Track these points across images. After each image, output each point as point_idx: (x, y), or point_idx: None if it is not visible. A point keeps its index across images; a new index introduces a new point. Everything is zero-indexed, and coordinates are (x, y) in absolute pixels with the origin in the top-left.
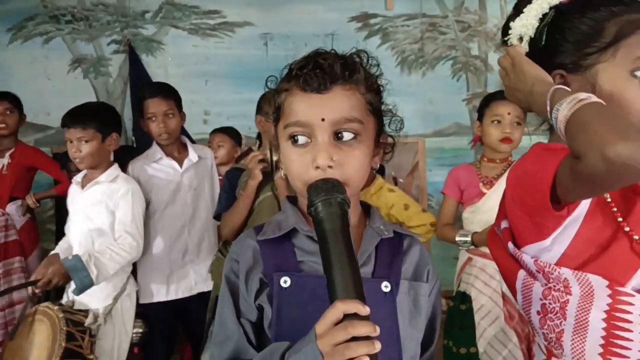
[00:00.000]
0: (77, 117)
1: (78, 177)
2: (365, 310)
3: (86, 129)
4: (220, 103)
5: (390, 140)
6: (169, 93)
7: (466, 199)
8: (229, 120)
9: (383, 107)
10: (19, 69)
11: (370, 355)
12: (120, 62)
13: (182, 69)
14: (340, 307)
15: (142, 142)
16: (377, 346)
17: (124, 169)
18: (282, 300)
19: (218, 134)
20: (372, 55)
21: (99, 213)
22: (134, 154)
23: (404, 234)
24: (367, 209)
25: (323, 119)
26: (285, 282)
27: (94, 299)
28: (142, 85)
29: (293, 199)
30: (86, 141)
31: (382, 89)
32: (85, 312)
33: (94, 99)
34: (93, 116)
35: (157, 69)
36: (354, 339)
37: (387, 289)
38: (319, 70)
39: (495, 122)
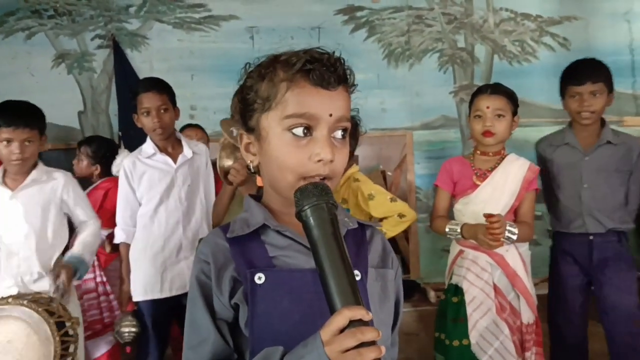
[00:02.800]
0: (22, 116)
1: None
2: (369, 316)
3: (33, 129)
4: (206, 97)
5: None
6: (163, 88)
7: (459, 191)
8: (216, 115)
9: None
10: (1, 65)
11: (377, 359)
12: (104, 57)
13: (167, 64)
14: (347, 314)
15: (129, 138)
16: (383, 350)
17: (109, 164)
18: (258, 297)
19: (194, 128)
20: (347, 64)
21: (35, 213)
22: (116, 149)
23: (365, 224)
24: None
25: (331, 115)
26: (259, 278)
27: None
28: (127, 81)
29: (255, 197)
30: (31, 142)
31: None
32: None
33: (78, 95)
34: (36, 116)
35: (142, 63)
36: (361, 344)
37: (358, 278)
38: (327, 68)
39: (477, 116)
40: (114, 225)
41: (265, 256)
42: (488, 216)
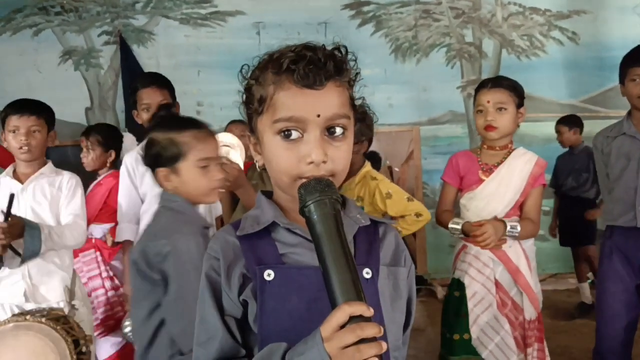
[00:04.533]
0: (29, 105)
1: (9, 172)
2: (369, 312)
3: (39, 118)
4: (212, 93)
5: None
6: (163, 83)
7: (465, 185)
8: (222, 111)
9: (357, 101)
10: (8, 62)
11: (378, 356)
12: (111, 54)
13: (173, 60)
14: (347, 310)
15: (135, 135)
16: (384, 346)
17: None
18: (267, 293)
19: (239, 124)
20: (350, 50)
21: (42, 206)
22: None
23: (378, 222)
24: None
25: (318, 115)
26: (269, 275)
27: (50, 293)
28: (134, 77)
29: (267, 193)
30: (38, 131)
31: (356, 81)
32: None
33: (85, 91)
34: (44, 107)
35: (148, 59)
36: (361, 340)
37: (369, 276)
38: (313, 65)
39: (479, 111)
40: (115, 220)
41: (275, 253)
42: (477, 224)
